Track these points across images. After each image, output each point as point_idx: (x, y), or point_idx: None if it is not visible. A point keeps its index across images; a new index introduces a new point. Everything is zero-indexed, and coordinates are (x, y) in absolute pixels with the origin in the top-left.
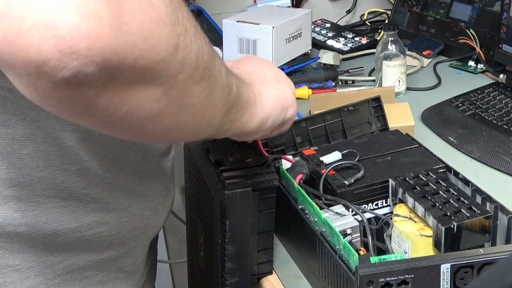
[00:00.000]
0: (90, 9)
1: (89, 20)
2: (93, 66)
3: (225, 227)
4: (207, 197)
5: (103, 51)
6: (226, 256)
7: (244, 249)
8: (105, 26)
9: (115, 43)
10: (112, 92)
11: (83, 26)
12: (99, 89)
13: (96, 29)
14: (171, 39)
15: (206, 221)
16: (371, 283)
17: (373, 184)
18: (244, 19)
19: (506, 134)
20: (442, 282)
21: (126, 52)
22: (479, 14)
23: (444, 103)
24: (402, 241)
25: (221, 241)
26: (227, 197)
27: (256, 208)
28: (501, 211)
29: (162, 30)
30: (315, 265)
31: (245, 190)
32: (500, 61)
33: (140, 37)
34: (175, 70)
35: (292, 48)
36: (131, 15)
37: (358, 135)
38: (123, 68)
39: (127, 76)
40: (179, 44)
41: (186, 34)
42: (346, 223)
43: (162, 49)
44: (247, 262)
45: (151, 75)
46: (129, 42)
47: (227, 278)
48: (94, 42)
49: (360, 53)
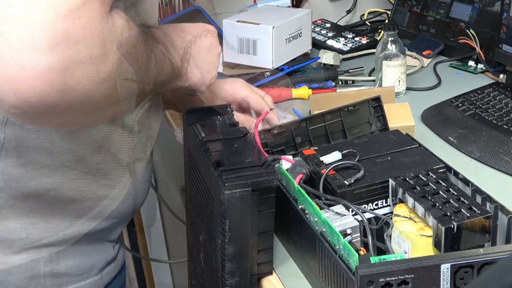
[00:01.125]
0: None
1: None
2: None
3: (225, 227)
4: (207, 198)
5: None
6: (226, 256)
7: (244, 249)
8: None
9: None
10: None
11: None
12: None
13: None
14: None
15: (206, 221)
16: (371, 283)
17: (373, 184)
18: (244, 19)
19: (506, 134)
20: (442, 282)
21: None
22: (479, 14)
23: (444, 103)
24: (402, 241)
25: (221, 241)
26: (227, 197)
27: (256, 208)
28: (501, 211)
29: (105, 86)
30: (315, 265)
31: (245, 191)
32: (500, 61)
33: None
34: None
35: (292, 48)
36: (76, 81)
37: (358, 135)
38: None
39: None
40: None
41: None
42: (346, 223)
43: None
44: (247, 262)
45: None
46: None
47: (227, 279)
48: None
49: (360, 53)
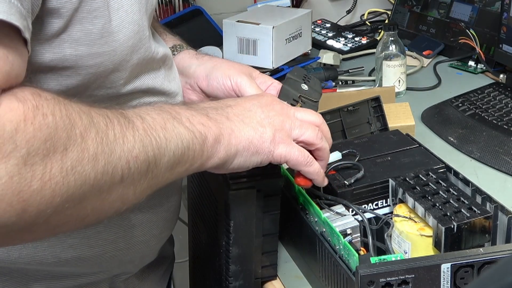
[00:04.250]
0: None
1: None
2: None
3: (230, 228)
4: (210, 198)
5: None
6: (230, 258)
7: (248, 251)
8: None
9: None
10: None
11: None
12: None
13: None
14: (11, 210)
15: (209, 223)
16: (372, 283)
17: (373, 184)
18: (244, 19)
19: (506, 134)
20: (442, 282)
21: None
22: (479, 14)
23: (444, 103)
24: (402, 241)
25: (225, 243)
26: (231, 197)
27: (261, 209)
28: (501, 211)
29: None
30: (315, 265)
31: (250, 190)
32: (500, 61)
33: None
34: (26, 225)
35: (292, 48)
36: None
37: (358, 135)
38: None
39: None
40: (26, 208)
41: (48, 183)
42: (346, 223)
43: (5, 219)
44: (251, 265)
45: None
46: None
47: (231, 281)
48: None
49: (360, 53)
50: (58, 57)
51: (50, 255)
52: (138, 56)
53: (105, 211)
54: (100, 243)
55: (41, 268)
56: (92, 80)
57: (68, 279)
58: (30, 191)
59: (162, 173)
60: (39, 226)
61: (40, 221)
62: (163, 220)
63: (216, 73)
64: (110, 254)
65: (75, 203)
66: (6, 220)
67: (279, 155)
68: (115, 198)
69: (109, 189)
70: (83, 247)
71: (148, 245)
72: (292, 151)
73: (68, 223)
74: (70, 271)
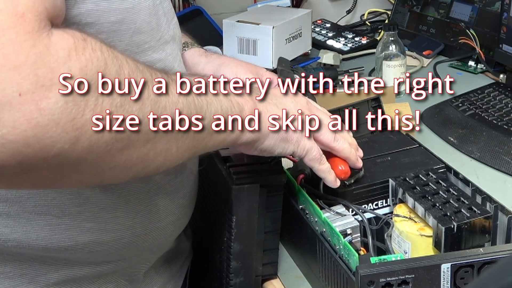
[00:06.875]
0: None
1: None
2: None
3: (232, 223)
4: (213, 194)
5: None
6: (232, 255)
7: (250, 248)
8: None
9: None
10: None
11: None
12: None
13: None
14: (65, 136)
15: (210, 218)
16: (372, 283)
17: (373, 184)
18: (244, 19)
19: (506, 134)
20: (442, 282)
21: (7, 159)
22: (479, 14)
23: (444, 103)
24: (402, 241)
25: (227, 239)
26: (234, 191)
27: (264, 205)
28: (501, 211)
29: (52, 131)
30: (315, 265)
31: (253, 185)
32: (500, 61)
33: (22, 144)
34: (78, 158)
35: (292, 48)
36: (9, 127)
37: (358, 135)
38: (8, 168)
39: (15, 171)
40: (78, 137)
41: (99, 116)
42: (346, 223)
43: (52, 148)
44: (252, 262)
45: (48, 165)
46: (7, 152)
47: (232, 278)
48: None
49: (360, 53)
50: (81, 11)
51: (67, 238)
52: (156, 20)
53: (149, 163)
54: (118, 227)
55: (59, 255)
56: (116, 40)
57: (86, 267)
58: (83, 119)
59: (202, 136)
60: (88, 165)
61: (90, 157)
62: (179, 207)
63: (223, 70)
64: (127, 239)
65: (123, 146)
66: (60, 147)
67: (304, 147)
68: (159, 151)
69: (154, 138)
70: (100, 231)
71: (165, 232)
72: (314, 147)
73: (115, 169)
74: (89, 259)
